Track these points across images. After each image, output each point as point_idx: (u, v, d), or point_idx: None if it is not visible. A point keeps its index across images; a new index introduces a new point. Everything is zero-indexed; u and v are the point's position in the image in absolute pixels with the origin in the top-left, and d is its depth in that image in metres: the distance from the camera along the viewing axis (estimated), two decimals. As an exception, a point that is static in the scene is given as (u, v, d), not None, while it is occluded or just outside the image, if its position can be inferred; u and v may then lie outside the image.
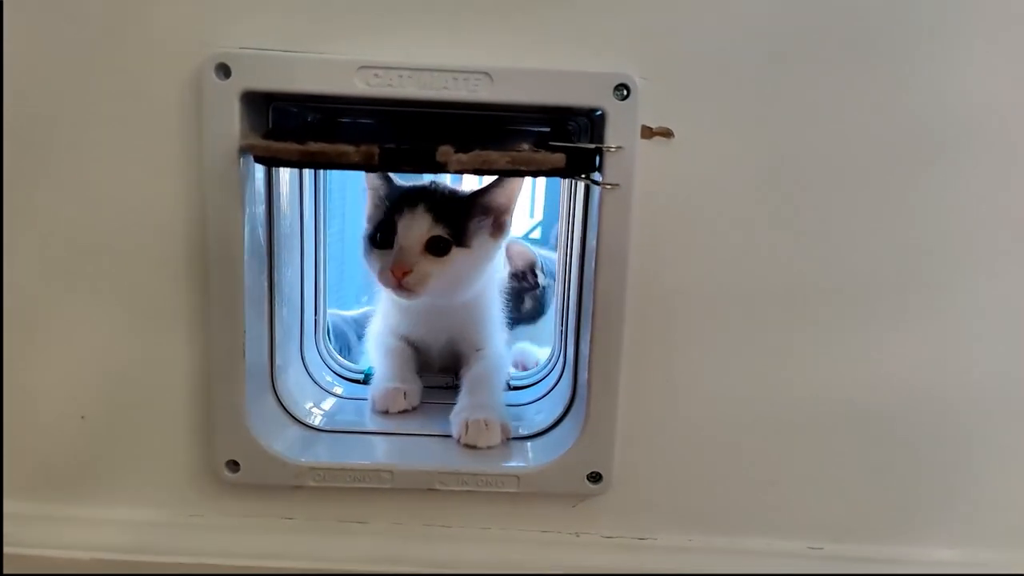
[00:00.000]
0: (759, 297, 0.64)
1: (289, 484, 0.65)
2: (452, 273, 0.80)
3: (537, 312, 1.16)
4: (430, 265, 0.78)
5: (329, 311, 0.89)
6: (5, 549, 0.65)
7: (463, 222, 0.80)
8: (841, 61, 0.59)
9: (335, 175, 0.98)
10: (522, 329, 1.14)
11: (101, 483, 0.67)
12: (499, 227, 0.84)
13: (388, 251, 0.79)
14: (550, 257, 1.17)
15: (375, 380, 0.81)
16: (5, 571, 0.65)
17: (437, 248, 0.78)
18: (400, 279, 0.77)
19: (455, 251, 0.79)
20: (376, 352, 0.87)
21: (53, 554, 0.65)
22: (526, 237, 2.18)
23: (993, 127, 0.61)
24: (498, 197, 0.83)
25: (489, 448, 0.69)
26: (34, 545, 0.65)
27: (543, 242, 2.03)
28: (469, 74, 0.58)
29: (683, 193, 0.62)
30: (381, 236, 0.80)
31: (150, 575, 0.66)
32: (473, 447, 0.69)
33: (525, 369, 0.96)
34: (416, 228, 0.78)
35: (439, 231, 0.78)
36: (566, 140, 0.64)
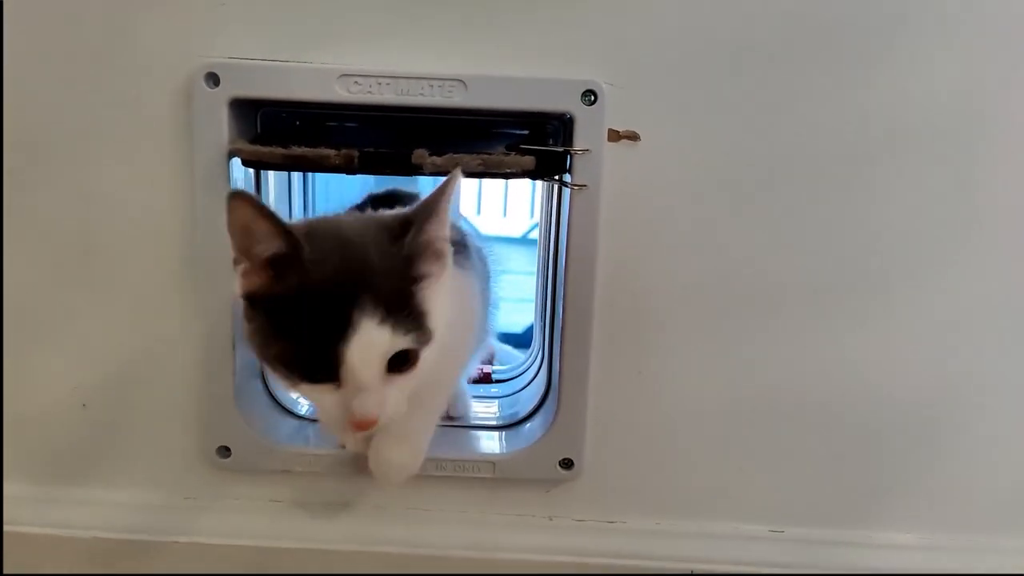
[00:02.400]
0: (725, 293, 0.66)
1: (277, 469, 0.69)
2: (419, 380, 0.53)
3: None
4: (397, 389, 0.51)
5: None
6: (11, 528, 0.69)
7: (411, 291, 0.51)
8: (801, 62, 0.62)
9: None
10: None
11: (101, 467, 0.71)
12: (438, 257, 0.53)
13: (327, 386, 0.49)
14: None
15: None
16: (8, 549, 0.69)
17: (402, 363, 0.50)
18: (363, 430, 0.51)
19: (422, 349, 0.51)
20: None
21: (55, 532, 0.69)
22: (524, 238, 2.19)
23: (955, 125, 0.63)
24: (428, 231, 0.52)
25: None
26: (37, 524, 0.70)
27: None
28: (444, 81, 0.61)
29: (649, 194, 0.65)
30: (311, 365, 0.49)
31: (147, 553, 0.70)
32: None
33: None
34: (374, 351, 0.49)
35: (401, 339, 0.49)
36: (543, 143, 0.67)
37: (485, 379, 0.87)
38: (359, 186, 0.92)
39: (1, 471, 0.70)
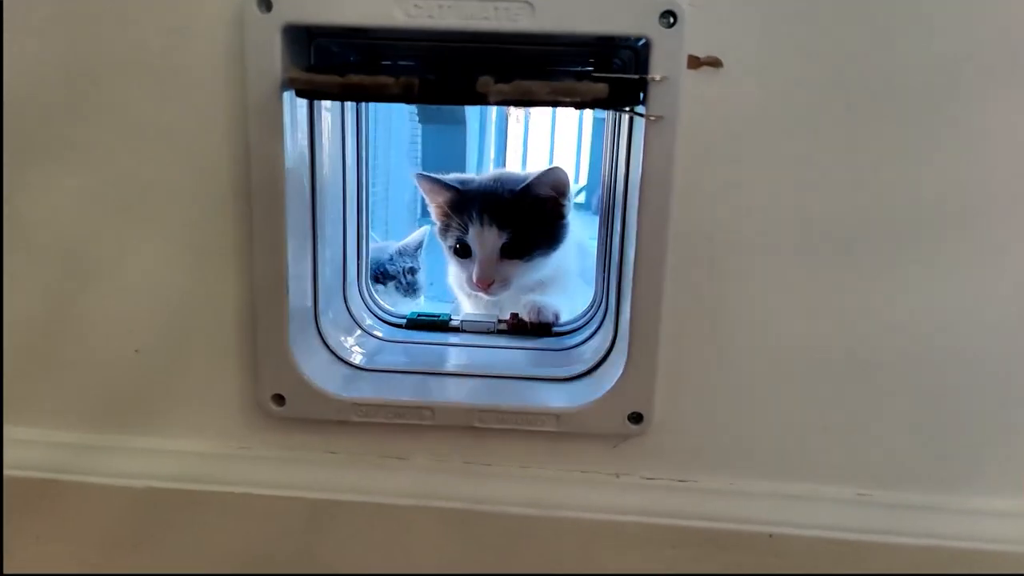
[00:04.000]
0: (812, 234, 0.61)
1: (333, 419, 0.66)
2: (531, 269, 0.94)
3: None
4: (510, 269, 0.92)
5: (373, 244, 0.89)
6: (64, 477, 0.68)
7: (527, 219, 0.92)
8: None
9: (379, 115, 1.06)
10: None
11: (153, 415, 0.69)
12: (558, 212, 0.96)
13: (468, 260, 0.94)
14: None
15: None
16: (60, 498, 0.68)
17: (513, 252, 0.92)
18: (486, 288, 0.92)
19: (532, 251, 0.93)
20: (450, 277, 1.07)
21: (107, 482, 0.68)
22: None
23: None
24: (544, 185, 0.93)
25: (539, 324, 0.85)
26: (89, 473, 0.68)
27: (586, 207, 2.01)
28: (510, 3, 0.57)
29: (732, 126, 0.60)
30: (460, 247, 0.95)
31: (199, 503, 0.68)
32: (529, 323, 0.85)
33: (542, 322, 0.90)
34: (488, 239, 0.91)
35: (507, 236, 0.91)
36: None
37: (544, 331, 0.83)
38: (409, 132, 0.91)
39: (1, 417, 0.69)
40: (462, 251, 0.96)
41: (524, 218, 0.92)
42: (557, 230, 0.96)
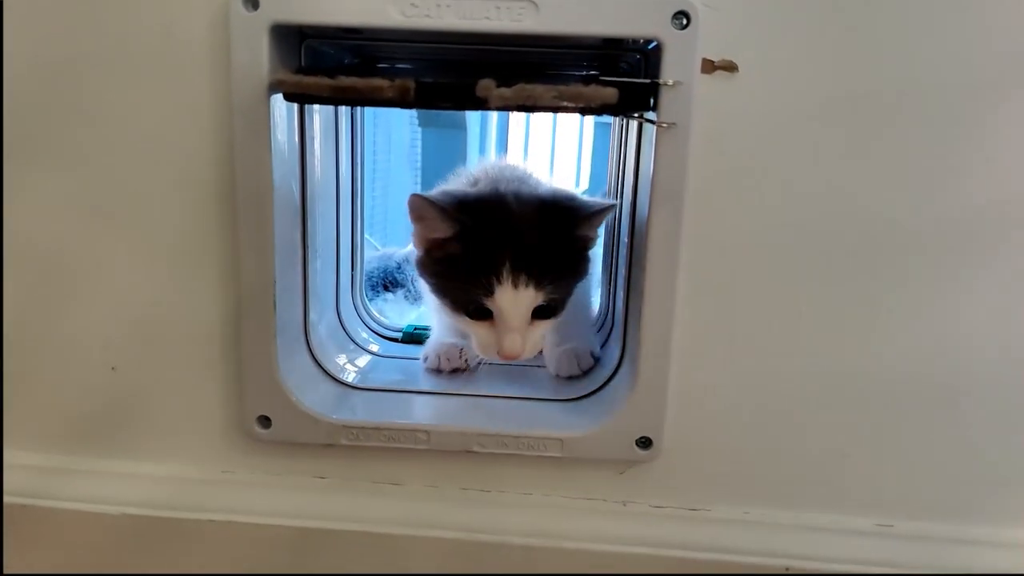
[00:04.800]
0: (830, 249, 0.58)
1: (321, 442, 0.63)
2: (558, 323, 0.71)
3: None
4: (538, 331, 0.69)
5: (375, 251, 0.85)
6: (34, 502, 0.64)
7: (562, 265, 0.68)
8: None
9: (377, 118, 0.94)
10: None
11: (130, 437, 0.66)
12: (589, 246, 0.72)
13: (485, 323, 0.68)
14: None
15: (432, 336, 0.78)
16: (30, 525, 0.64)
17: (544, 312, 0.68)
18: (511, 360, 0.69)
19: (564, 304, 0.70)
20: (435, 311, 0.78)
21: (80, 508, 0.64)
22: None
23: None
24: (594, 226, 0.71)
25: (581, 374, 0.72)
26: (61, 499, 0.65)
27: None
28: (513, 2, 0.54)
29: (747, 133, 0.57)
30: (474, 308, 0.68)
31: (179, 531, 0.64)
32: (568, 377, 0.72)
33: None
34: (522, 303, 0.66)
35: (544, 295, 0.67)
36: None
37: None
38: (409, 136, 0.86)
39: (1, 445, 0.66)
40: (477, 313, 0.68)
41: (559, 265, 0.68)
42: (585, 266, 0.73)
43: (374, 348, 0.78)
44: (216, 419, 0.64)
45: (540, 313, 0.67)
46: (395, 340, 0.81)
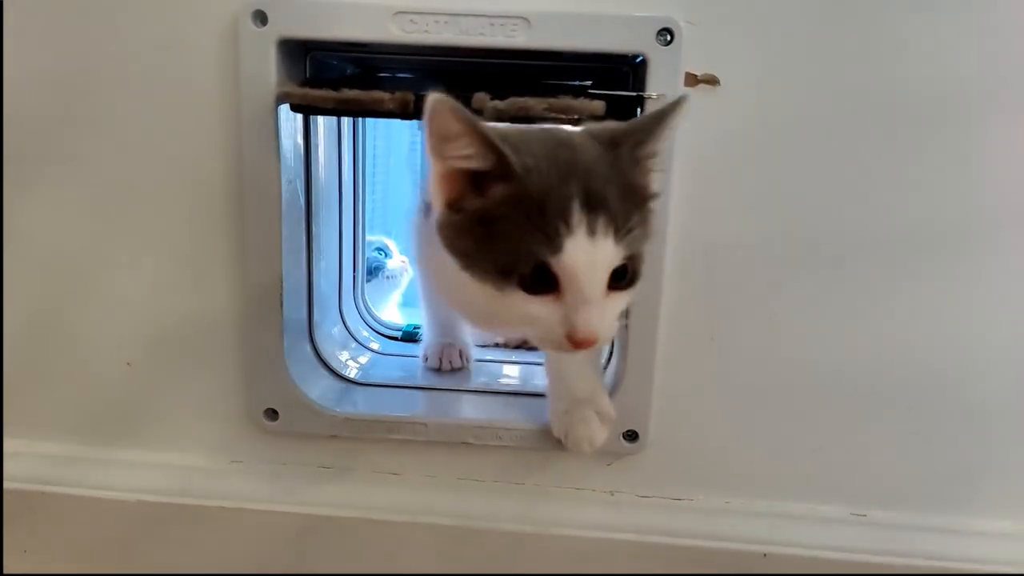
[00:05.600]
0: (808, 253, 0.61)
1: (325, 434, 0.66)
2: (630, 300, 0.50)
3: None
4: (617, 305, 0.48)
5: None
6: (54, 489, 0.68)
7: (632, 207, 0.47)
8: (894, 6, 0.56)
9: (377, 121, 0.93)
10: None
11: (144, 428, 0.69)
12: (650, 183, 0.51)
13: (546, 298, 0.46)
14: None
15: (426, 336, 0.77)
16: (50, 511, 0.67)
17: (619, 278, 0.47)
18: (582, 347, 0.47)
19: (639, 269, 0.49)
20: (427, 307, 0.75)
21: (97, 495, 0.67)
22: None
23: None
24: (662, 139, 0.48)
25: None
26: (79, 486, 0.68)
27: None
28: (507, 19, 0.57)
29: (728, 145, 0.59)
30: (532, 275, 0.45)
31: (191, 517, 0.67)
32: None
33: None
34: (599, 257, 0.45)
35: (623, 249, 0.46)
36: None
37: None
38: (408, 139, 0.88)
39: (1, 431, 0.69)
40: (536, 283, 0.46)
41: (633, 207, 0.47)
42: (651, 225, 0.50)
43: (375, 346, 0.81)
44: (226, 411, 0.67)
45: (616, 279, 0.47)
46: (395, 339, 0.84)
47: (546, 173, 0.45)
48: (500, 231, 0.46)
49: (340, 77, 0.71)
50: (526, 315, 0.46)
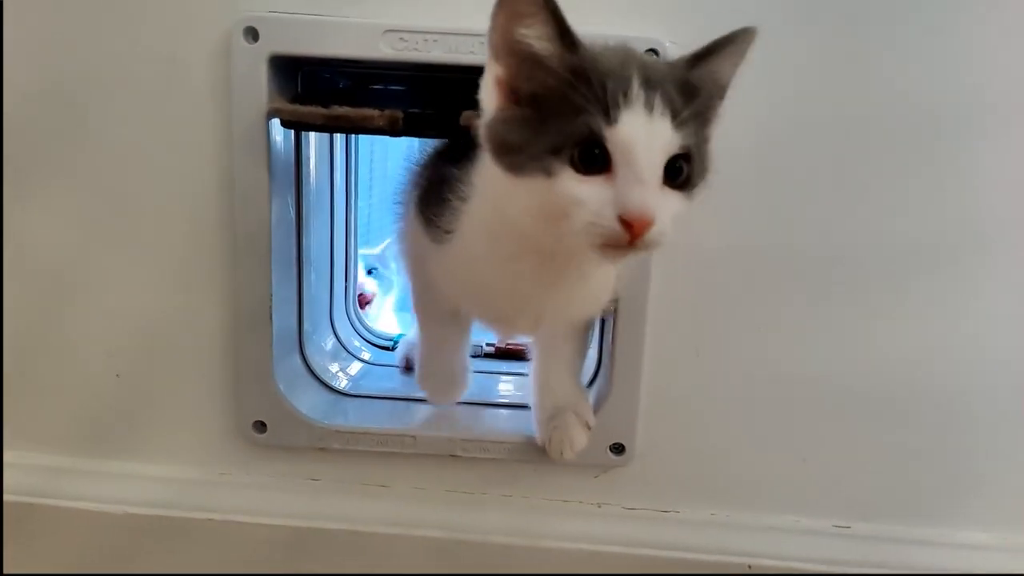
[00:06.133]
0: (793, 267, 0.62)
1: (314, 446, 0.66)
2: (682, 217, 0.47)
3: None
4: (673, 204, 0.46)
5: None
6: (40, 500, 0.68)
7: (701, 118, 0.48)
8: (886, 21, 0.57)
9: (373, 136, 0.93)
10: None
11: (133, 440, 0.69)
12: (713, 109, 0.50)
13: (598, 178, 0.44)
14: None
15: (422, 361, 0.70)
16: (37, 523, 0.67)
17: (677, 175, 0.46)
18: (638, 236, 0.43)
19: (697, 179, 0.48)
20: (425, 324, 0.70)
21: (85, 507, 0.67)
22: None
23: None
24: (725, 68, 0.49)
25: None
26: (66, 498, 0.68)
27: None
28: (495, 38, 0.57)
29: (716, 158, 0.60)
30: (585, 148, 0.44)
31: (179, 530, 0.67)
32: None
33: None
34: (656, 136, 0.44)
35: (682, 137, 0.45)
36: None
37: (519, 354, 0.83)
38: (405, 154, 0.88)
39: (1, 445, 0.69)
40: (588, 159, 0.44)
41: (694, 103, 0.46)
42: (709, 141, 0.50)
43: (366, 356, 0.81)
44: (215, 424, 0.68)
45: (673, 175, 0.45)
46: (386, 348, 0.85)
47: (607, 58, 0.46)
48: (554, 110, 0.44)
49: (331, 90, 0.71)
50: (575, 197, 0.43)
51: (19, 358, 0.68)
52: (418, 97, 0.73)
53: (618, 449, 0.65)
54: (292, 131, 0.66)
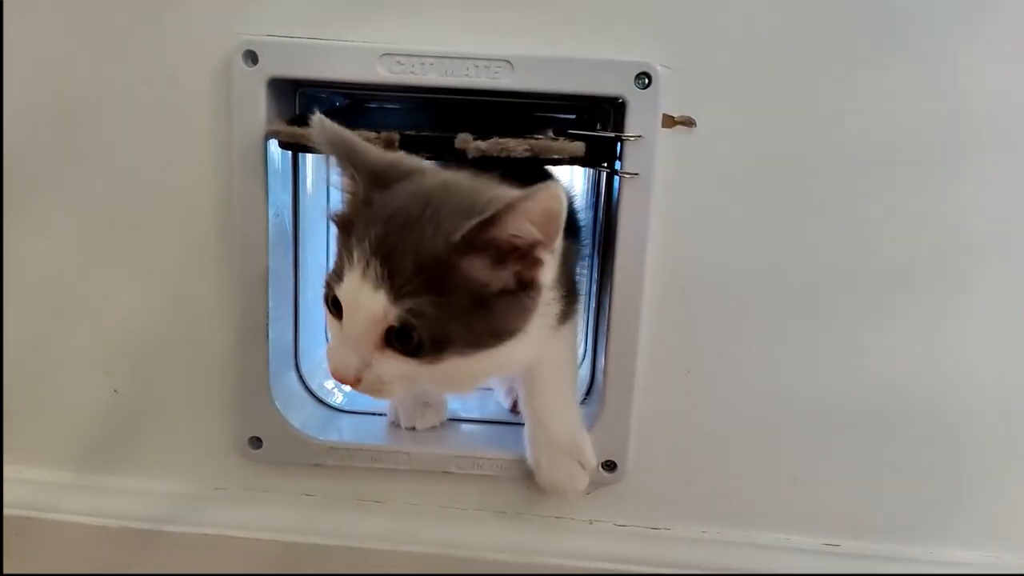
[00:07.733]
0: (782, 288, 0.63)
1: (309, 462, 0.67)
2: (444, 377, 0.49)
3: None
4: (391, 367, 0.47)
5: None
6: (38, 515, 0.68)
7: (419, 278, 0.46)
8: (873, 46, 0.58)
9: None
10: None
11: (130, 455, 0.70)
12: (526, 284, 0.48)
13: (336, 320, 0.49)
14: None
15: None
16: (35, 537, 0.68)
17: (404, 342, 0.46)
18: (351, 383, 0.48)
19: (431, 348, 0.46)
20: None
21: (82, 521, 0.68)
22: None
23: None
24: (505, 229, 0.45)
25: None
26: (65, 512, 0.68)
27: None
28: (490, 61, 0.59)
29: (705, 184, 0.61)
30: (334, 297, 0.48)
31: (175, 544, 0.68)
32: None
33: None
34: (364, 303, 0.46)
35: (399, 311, 0.45)
36: (591, 128, 0.64)
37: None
38: None
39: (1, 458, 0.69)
40: (335, 302, 0.49)
41: (430, 281, 0.46)
42: (522, 304, 0.49)
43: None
44: (211, 439, 0.68)
45: (399, 341, 0.46)
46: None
47: (379, 208, 0.48)
48: (343, 244, 0.49)
49: (330, 109, 0.72)
50: (331, 332, 0.51)
51: (18, 374, 0.69)
52: (413, 116, 0.75)
53: (610, 466, 0.66)
54: (290, 152, 0.67)
